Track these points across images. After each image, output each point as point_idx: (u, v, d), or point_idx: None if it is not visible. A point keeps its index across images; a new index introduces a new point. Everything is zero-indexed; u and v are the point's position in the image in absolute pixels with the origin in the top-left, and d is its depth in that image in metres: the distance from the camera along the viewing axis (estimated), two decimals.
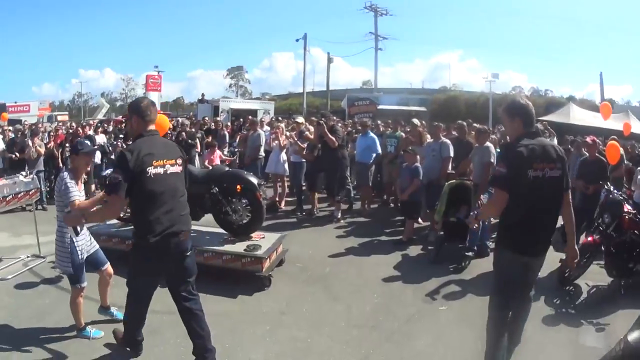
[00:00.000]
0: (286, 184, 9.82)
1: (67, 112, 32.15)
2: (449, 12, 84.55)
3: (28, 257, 6.64)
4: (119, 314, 4.38)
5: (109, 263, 4.49)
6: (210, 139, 11.60)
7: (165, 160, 3.46)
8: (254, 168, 9.93)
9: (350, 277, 5.63)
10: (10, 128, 13.97)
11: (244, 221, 6.10)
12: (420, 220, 7.56)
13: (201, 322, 3.67)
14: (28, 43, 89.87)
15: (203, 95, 24.89)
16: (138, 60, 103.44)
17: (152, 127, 3.55)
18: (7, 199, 6.40)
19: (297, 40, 34.27)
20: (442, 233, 6.34)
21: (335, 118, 12.86)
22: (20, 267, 6.24)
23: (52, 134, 12.76)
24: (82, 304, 4.21)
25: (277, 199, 9.53)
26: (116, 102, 56.02)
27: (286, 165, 9.47)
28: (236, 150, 11.61)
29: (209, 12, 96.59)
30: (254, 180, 6.08)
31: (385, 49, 40.03)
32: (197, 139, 11.61)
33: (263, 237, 6.01)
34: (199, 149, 11.29)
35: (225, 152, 11.23)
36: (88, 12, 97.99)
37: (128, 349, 3.90)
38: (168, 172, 3.46)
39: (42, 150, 10.13)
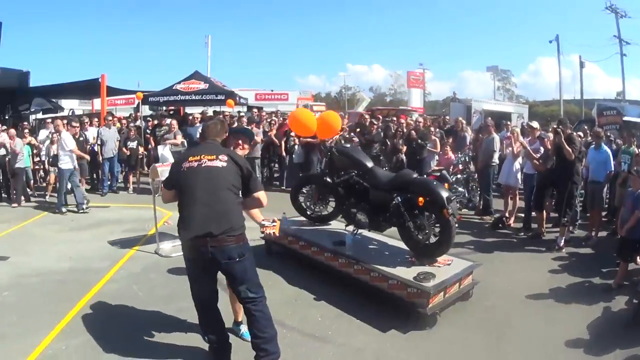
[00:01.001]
0: (518, 198, 8.95)
1: (323, 104, 34.23)
2: None
3: None
4: (247, 334, 4.14)
5: None
6: (450, 140, 11.35)
7: (202, 156, 3.57)
8: (485, 176, 9.51)
9: (532, 333, 4.57)
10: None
11: (430, 241, 5.25)
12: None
13: (260, 324, 3.55)
14: (295, 35, 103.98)
15: (455, 94, 25.02)
16: (410, 58, 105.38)
17: (210, 140, 3.86)
18: None
19: (550, 42, 33.36)
20: None
21: (585, 128, 11.19)
22: None
23: (273, 123, 13.42)
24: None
25: (506, 214, 8.81)
26: (385, 98, 58.04)
27: (519, 176, 8.70)
28: (470, 154, 10.90)
29: (479, 13, 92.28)
30: (443, 193, 5.02)
31: (629, 55, 33.13)
32: (436, 139, 11.26)
33: (449, 264, 5.14)
34: (438, 149, 10.96)
35: (460, 156, 10.72)
36: (358, 9, 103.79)
37: None
38: (203, 165, 3.51)
39: (259, 138, 10.82)
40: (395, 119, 15.96)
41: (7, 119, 17.86)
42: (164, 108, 18.07)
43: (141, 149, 12.25)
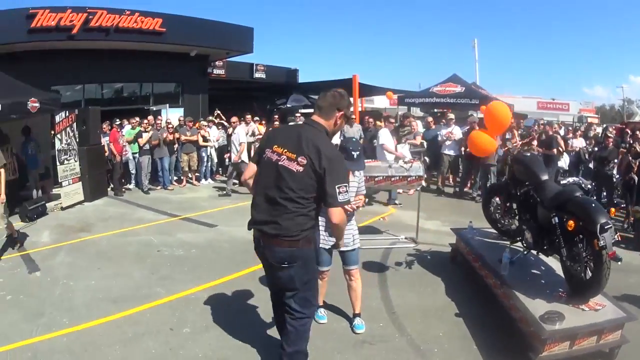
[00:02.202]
0: None
1: (597, 116, 32.29)
2: None
3: (405, 238, 7.27)
4: (359, 327, 4.49)
5: (355, 266, 4.43)
6: None
7: (286, 150, 3.16)
8: None
9: None
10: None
11: (585, 277, 4.23)
12: None
13: (289, 338, 3.36)
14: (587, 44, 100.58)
15: None
16: None
17: (314, 116, 3.36)
18: (394, 179, 7.03)
19: None
20: None
21: None
22: (382, 243, 6.98)
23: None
24: (323, 287, 4.46)
25: None
26: None
27: None
28: None
29: None
30: (599, 219, 3.93)
31: None
32: None
33: (597, 309, 4.18)
34: None
35: None
36: None
37: None
38: (280, 162, 3.14)
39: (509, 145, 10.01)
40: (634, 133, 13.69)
41: (271, 111, 20.66)
42: (435, 110, 18.59)
43: None
